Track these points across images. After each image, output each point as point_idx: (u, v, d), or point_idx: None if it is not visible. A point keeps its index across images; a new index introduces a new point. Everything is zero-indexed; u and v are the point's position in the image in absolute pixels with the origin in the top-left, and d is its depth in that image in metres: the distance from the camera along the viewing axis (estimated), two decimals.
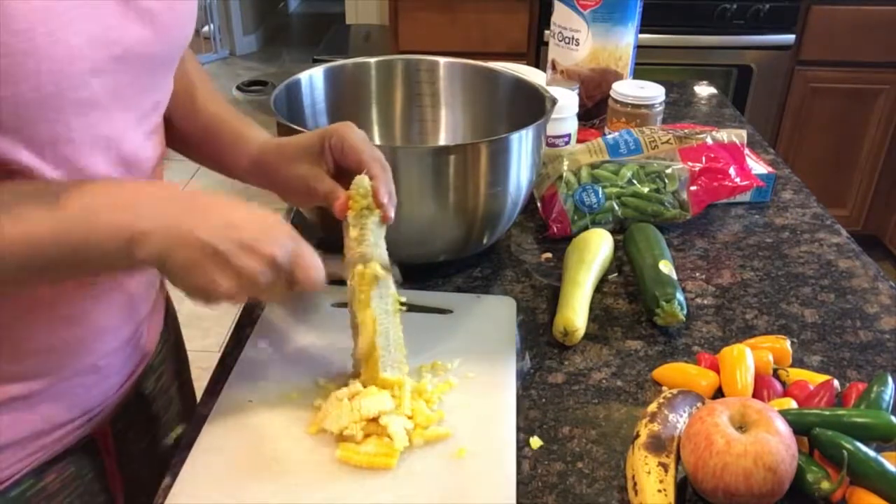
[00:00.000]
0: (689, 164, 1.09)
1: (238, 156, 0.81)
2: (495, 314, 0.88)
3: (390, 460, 0.66)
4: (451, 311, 0.87)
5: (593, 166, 1.08)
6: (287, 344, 0.82)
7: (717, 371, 0.78)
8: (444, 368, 0.78)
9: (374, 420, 0.68)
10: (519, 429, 0.73)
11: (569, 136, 1.17)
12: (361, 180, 0.71)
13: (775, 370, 0.79)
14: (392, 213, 0.71)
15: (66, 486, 0.74)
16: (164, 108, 0.73)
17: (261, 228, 0.61)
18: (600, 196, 1.05)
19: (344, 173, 0.74)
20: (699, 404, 0.72)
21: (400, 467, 0.66)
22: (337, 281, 0.89)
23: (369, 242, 0.70)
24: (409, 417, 0.69)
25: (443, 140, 1.11)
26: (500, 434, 0.71)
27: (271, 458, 0.67)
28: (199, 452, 0.68)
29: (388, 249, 0.74)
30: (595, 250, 0.94)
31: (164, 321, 0.88)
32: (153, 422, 0.87)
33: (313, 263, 0.64)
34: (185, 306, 0.81)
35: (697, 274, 0.99)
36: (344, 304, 0.87)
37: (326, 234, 1.00)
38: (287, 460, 0.67)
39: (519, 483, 0.68)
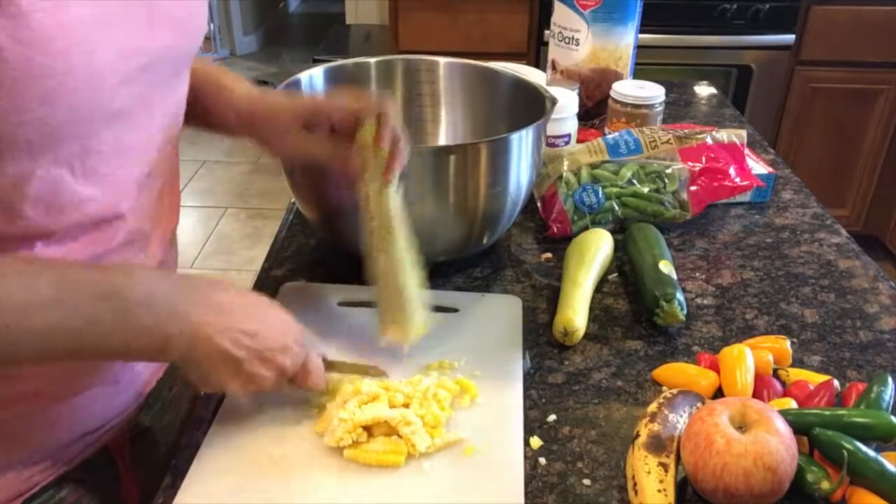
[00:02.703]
0: (689, 164, 1.08)
1: (223, 108, 0.80)
2: (500, 312, 0.88)
3: (399, 458, 0.66)
4: (456, 310, 0.88)
5: (593, 166, 1.08)
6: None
7: (717, 371, 0.78)
8: (451, 367, 0.79)
9: (383, 421, 0.68)
10: None
11: (569, 136, 1.17)
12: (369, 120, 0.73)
13: (775, 370, 0.79)
14: (397, 161, 0.73)
15: (82, 497, 0.74)
16: (185, 104, 0.73)
17: (276, 338, 0.65)
18: (600, 196, 1.05)
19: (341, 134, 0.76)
20: (699, 404, 0.72)
21: (408, 465, 0.67)
22: (344, 281, 0.89)
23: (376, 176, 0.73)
24: (420, 416, 0.70)
25: (443, 140, 1.10)
26: (507, 432, 0.71)
27: (279, 456, 0.68)
28: (206, 451, 0.68)
29: None
30: (595, 250, 0.93)
31: None
32: (166, 429, 0.87)
33: (317, 372, 0.69)
34: None
35: (697, 274, 0.99)
36: (350, 304, 0.87)
37: (326, 234, 1.00)
38: (295, 459, 0.67)
39: None
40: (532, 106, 0.96)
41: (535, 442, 0.72)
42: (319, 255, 1.02)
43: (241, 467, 0.66)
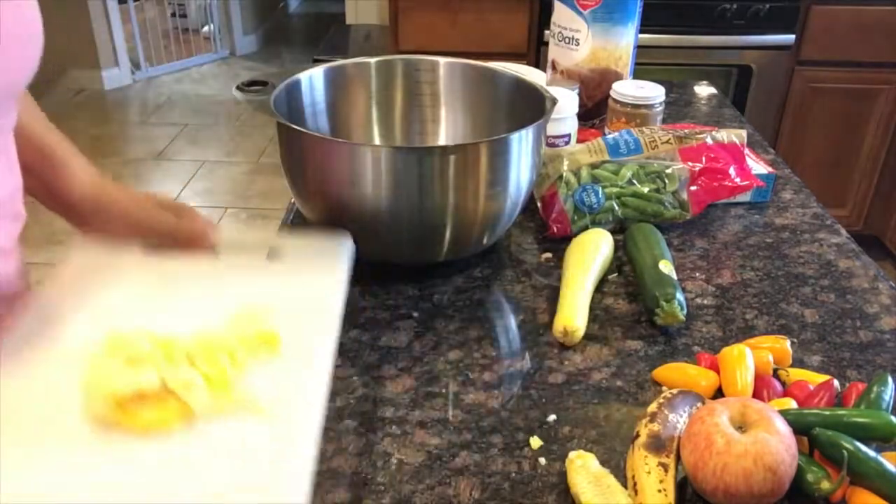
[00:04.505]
0: (689, 164, 1.09)
1: (70, 185, 0.77)
2: (325, 260, 0.77)
3: (172, 422, 0.57)
4: (277, 257, 0.78)
5: (593, 166, 1.08)
6: (81, 294, 0.71)
7: (717, 371, 0.78)
8: (254, 316, 0.67)
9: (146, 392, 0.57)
10: (519, 429, 0.73)
11: (569, 136, 1.17)
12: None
13: (775, 370, 0.79)
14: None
15: None
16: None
17: None
18: (600, 196, 1.05)
19: None
20: (699, 404, 0.72)
21: (189, 431, 0.57)
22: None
23: None
24: (206, 376, 0.60)
25: (443, 140, 1.11)
26: (306, 393, 0.61)
27: (35, 428, 0.57)
28: None
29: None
30: (595, 250, 0.94)
31: None
32: None
33: None
34: None
35: (697, 274, 0.99)
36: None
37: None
38: (51, 437, 0.56)
39: (519, 483, 0.68)
40: (532, 106, 0.96)
41: (535, 442, 0.72)
42: None
43: None
